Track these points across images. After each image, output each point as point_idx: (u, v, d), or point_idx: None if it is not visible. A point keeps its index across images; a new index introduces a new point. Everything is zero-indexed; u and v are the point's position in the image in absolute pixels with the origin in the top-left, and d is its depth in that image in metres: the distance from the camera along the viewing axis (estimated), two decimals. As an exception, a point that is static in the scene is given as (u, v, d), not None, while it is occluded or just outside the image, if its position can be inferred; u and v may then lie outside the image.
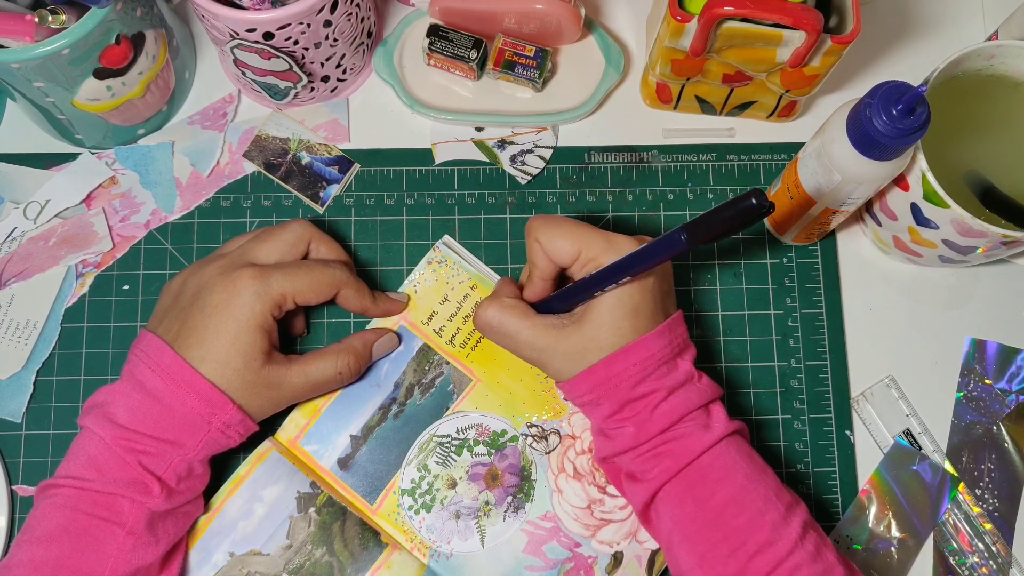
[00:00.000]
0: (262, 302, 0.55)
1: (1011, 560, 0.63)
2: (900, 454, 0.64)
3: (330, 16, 0.60)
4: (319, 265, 0.58)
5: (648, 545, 0.60)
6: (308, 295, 0.57)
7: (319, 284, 0.58)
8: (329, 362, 0.58)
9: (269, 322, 0.56)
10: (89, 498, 0.53)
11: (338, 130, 0.69)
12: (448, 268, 0.65)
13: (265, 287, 0.55)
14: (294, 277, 0.56)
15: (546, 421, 0.62)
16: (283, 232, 0.59)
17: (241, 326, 0.55)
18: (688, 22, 0.58)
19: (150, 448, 0.54)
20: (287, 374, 0.57)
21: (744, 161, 0.69)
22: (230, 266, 0.56)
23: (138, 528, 0.53)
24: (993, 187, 0.60)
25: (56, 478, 0.54)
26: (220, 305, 0.55)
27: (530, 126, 0.69)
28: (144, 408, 0.54)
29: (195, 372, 0.54)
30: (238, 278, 0.55)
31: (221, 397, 0.54)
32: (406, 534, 0.61)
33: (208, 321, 0.55)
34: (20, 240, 0.66)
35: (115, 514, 0.53)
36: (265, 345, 0.56)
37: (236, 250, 0.59)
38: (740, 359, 0.66)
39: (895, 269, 0.68)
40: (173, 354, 0.54)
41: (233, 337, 0.54)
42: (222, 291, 0.55)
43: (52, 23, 0.57)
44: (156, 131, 0.69)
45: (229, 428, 0.55)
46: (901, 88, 0.51)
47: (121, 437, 0.53)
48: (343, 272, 0.59)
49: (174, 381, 0.54)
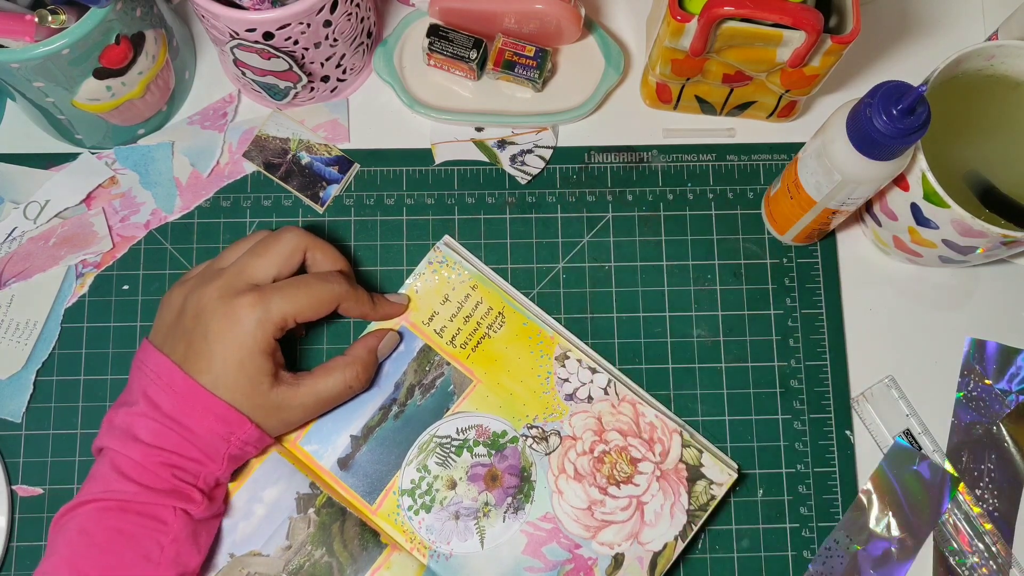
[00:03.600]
0: (263, 329, 0.55)
1: (1011, 560, 0.63)
2: (900, 454, 0.64)
3: (330, 16, 0.60)
4: (317, 282, 0.58)
5: (650, 547, 0.60)
6: (309, 313, 0.57)
7: (319, 302, 0.57)
8: (337, 377, 0.59)
9: (272, 344, 0.56)
10: (134, 508, 0.53)
11: (338, 130, 0.69)
12: (449, 268, 0.65)
13: (266, 313, 0.55)
14: (294, 298, 0.56)
15: (546, 422, 0.62)
16: (278, 244, 0.58)
17: (246, 353, 0.55)
18: (688, 22, 0.57)
19: (179, 463, 0.54)
20: (296, 395, 0.57)
21: (744, 161, 0.69)
22: (229, 290, 0.56)
23: (182, 536, 0.54)
24: (993, 187, 0.60)
25: (85, 495, 0.54)
26: (223, 332, 0.55)
27: (530, 126, 0.69)
28: (167, 429, 0.54)
29: (210, 394, 0.54)
30: (238, 306, 0.55)
31: (238, 416, 0.55)
32: (405, 534, 0.61)
33: (213, 347, 0.55)
34: (20, 240, 0.66)
35: (161, 523, 0.53)
36: (271, 367, 0.56)
37: (233, 268, 0.57)
38: (740, 359, 0.66)
39: (895, 269, 0.68)
40: (185, 376, 0.54)
41: (239, 364, 0.55)
42: (223, 318, 0.55)
43: (52, 23, 0.57)
44: (156, 131, 0.68)
45: (247, 445, 0.56)
46: (901, 88, 0.51)
47: (151, 454, 0.54)
48: (341, 286, 0.59)
49: (191, 404, 0.54)
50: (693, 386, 0.65)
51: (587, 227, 0.68)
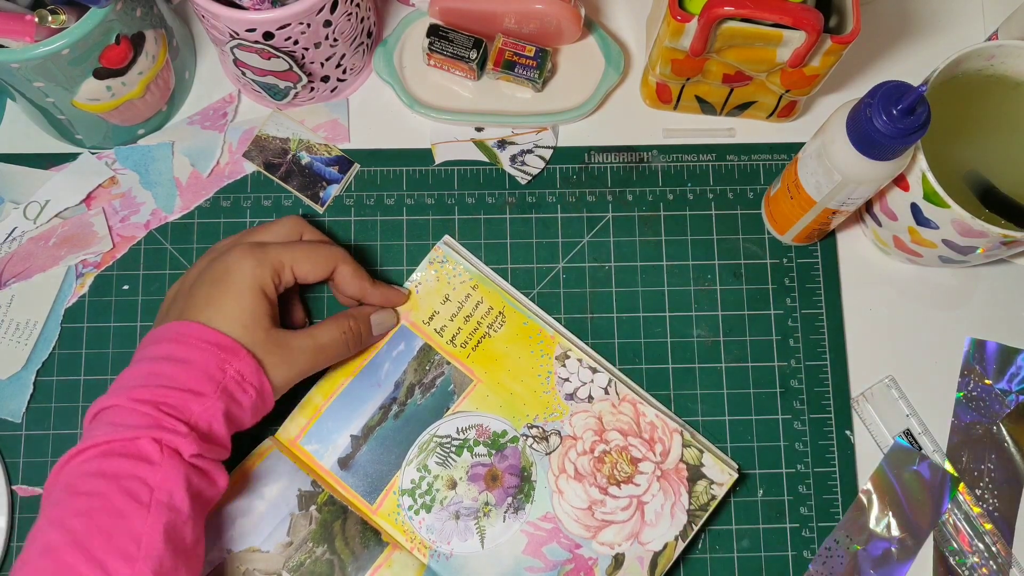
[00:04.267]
0: (262, 267, 0.56)
1: (1011, 560, 0.63)
2: (900, 454, 0.64)
3: (330, 16, 0.60)
4: (314, 242, 0.60)
5: (650, 547, 0.60)
6: (305, 266, 0.58)
7: (316, 256, 0.58)
8: (331, 326, 0.59)
9: (271, 287, 0.57)
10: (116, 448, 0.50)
11: (338, 130, 0.69)
12: (449, 268, 0.65)
13: (263, 254, 0.57)
14: (291, 249, 0.58)
15: (547, 422, 0.62)
16: (275, 224, 0.61)
17: (244, 287, 0.55)
18: (688, 22, 0.58)
19: (169, 398, 0.52)
20: (294, 337, 0.57)
21: (744, 161, 0.69)
22: (226, 249, 0.58)
23: (172, 475, 0.50)
24: (993, 187, 0.60)
25: (70, 452, 0.51)
26: (221, 274, 0.56)
27: (530, 126, 0.69)
28: (157, 370, 0.53)
29: (204, 326, 0.54)
30: (236, 253, 0.57)
31: (233, 343, 0.54)
32: (406, 534, 0.61)
33: (212, 289, 0.55)
34: (20, 240, 0.66)
35: (145, 460, 0.50)
36: (269, 310, 0.56)
37: (228, 242, 0.60)
38: (740, 359, 0.66)
39: (895, 269, 0.68)
40: (180, 321, 0.55)
41: (238, 296, 0.55)
42: (221, 264, 0.56)
43: (52, 23, 0.57)
44: (156, 131, 0.68)
45: (244, 380, 0.54)
46: (901, 88, 0.51)
47: (136, 394, 0.51)
48: (339, 250, 0.60)
49: (185, 339, 0.54)
50: (693, 386, 0.65)
51: (587, 227, 0.68)
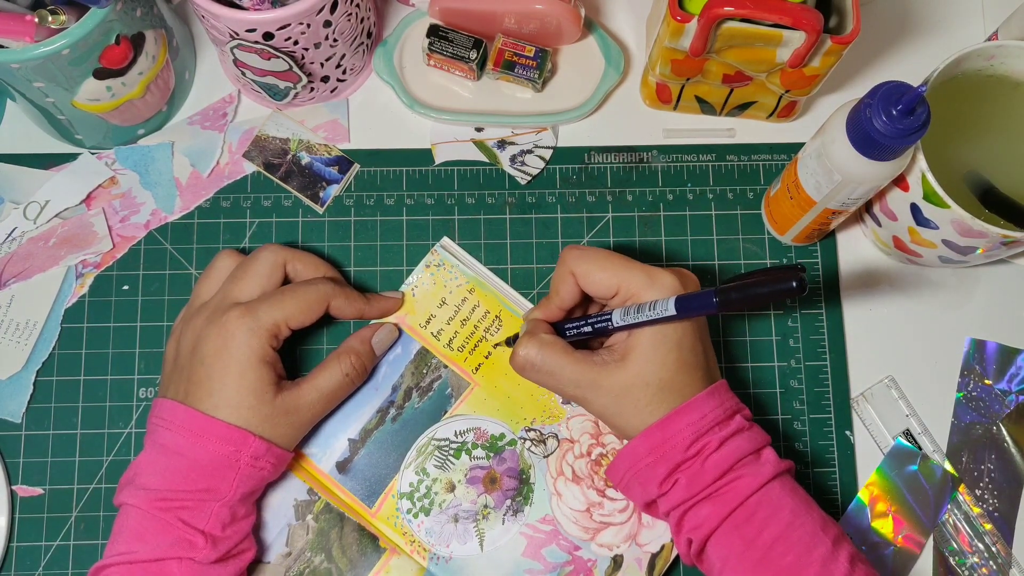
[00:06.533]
0: (257, 337, 0.55)
1: (1011, 560, 0.63)
2: (900, 454, 0.64)
3: (330, 16, 0.60)
4: (302, 285, 0.59)
5: (648, 548, 0.60)
6: (300, 317, 0.57)
7: (307, 304, 0.58)
8: (334, 369, 0.59)
9: (270, 354, 0.56)
10: (139, 569, 0.53)
11: (338, 130, 0.69)
12: (446, 271, 0.65)
13: (256, 322, 0.55)
14: (281, 304, 0.57)
15: (544, 425, 0.62)
16: (256, 264, 0.59)
17: (243, 365, 0.55)
18: (688, 22, 0.57)
19: (187, 503, 0.54)
20: (300, 396, 0.57)
21: (744, 161, 0.69)
22: (216, 312, 0.57)
23: None
24: (993, 187, 0.60)
25: (105, 559, 0.54)
26: (218, 351, 0.55)
27: (530, 126, 0.69)
28: (171, 467, 0.54)
29: (211, 419, 0.54)
30: (227, 321, 0.55)
31: (241, 433, 0.55)
32: (405, 537, 0.61)
33: (211, 371, 0.55)
34: (20, 240, 0.66)
35: None
36: (272, 377, 0.56)
37: (216, 297, 0.58)
38: (740, 359, 0.66)
39: (895, 269, 0.68)
40: (186, 408, 0.55)
41: (239, 377, 0.55)
42: (216, 337, 0.55)
43: (52, 23, 0.57)
44: (156, 131, 0.68)
45: (258, 460, 0.55)
46: (901, 88, 0.51)
47: (156, 499, 0.54)
48: (328, 285, 0.59)
49: (193, 433, 0.54)
50: (693, 386, 0.65)
51: (587, 227, 0.68)
